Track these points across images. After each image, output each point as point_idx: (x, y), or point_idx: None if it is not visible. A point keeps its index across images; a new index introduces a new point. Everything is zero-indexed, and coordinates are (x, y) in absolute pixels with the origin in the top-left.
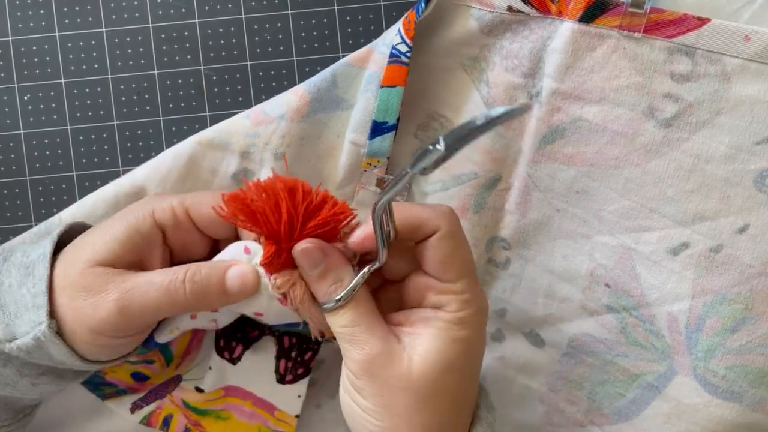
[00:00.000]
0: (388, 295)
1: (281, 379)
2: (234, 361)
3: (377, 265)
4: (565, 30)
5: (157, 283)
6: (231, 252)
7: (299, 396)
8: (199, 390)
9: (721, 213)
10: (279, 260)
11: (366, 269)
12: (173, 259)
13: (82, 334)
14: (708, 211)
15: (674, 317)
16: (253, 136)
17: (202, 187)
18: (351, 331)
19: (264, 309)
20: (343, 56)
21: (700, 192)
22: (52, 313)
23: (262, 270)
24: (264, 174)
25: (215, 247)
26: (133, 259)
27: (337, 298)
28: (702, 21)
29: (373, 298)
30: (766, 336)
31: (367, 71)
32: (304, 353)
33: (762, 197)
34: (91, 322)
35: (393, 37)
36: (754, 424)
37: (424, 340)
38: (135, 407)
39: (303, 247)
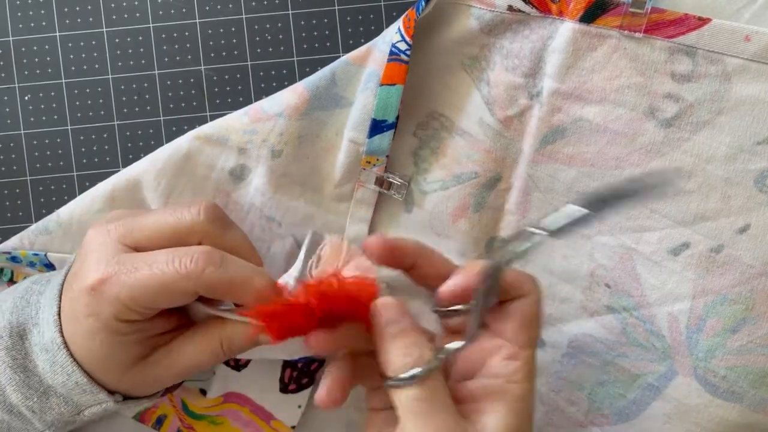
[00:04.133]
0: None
1: (284, 388)
2: (239, 367)
3: (464, 343)
4: (565, 30)
5: (204, 361)
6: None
7: (299, 406)
8: (203, 392)
9: (721, 213)
10: None
11: (451, 346)
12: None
13: (141, 393)
14: (708, 211)
15: (675, 317)
16: (251, 132)
17: (199, 182)
18: (421, 407)
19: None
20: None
21: (700, 192)
22: (110, 391)
23: None
24: (260, 171)
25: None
26: (143, 349)
27: (412, 374)
28: (703, 21)
29: None
30: (766, 336)
31: (366, 69)
32: (310, 363)
33: (763, 197)
34: (150, 391)
35: (393, 35)
36: (755, 425)
37: (493, 419)
38: None
39: (383, 302)
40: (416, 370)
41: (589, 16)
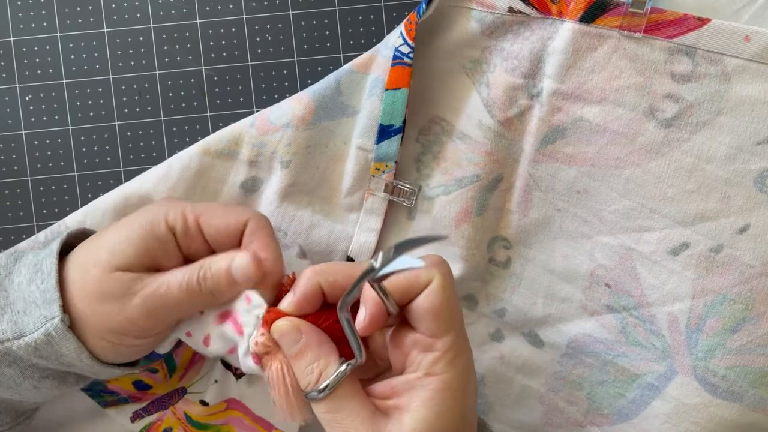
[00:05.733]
0: (373, 356)
1: None
2: (237, 376)
3: (357, 361)
4: (565, 30)
5: (177, 283)
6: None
7: None
8: (204, 403)
9: (721, 213)
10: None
11: (345, 366)
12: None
13: (102, 335)
14: (708, 211)
15: (675, 317)
16: (260, 145)
17: (211, 196)
18: (333, 417)
19: (237, 362)
20: (344, 57)
21: (700, 192)
22: (65, 308)
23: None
24: (271, 182)
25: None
26: (149, 262)
27: (320, 389)
28: (702, 21)
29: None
30: (766, 336)
31: (370, 76)
32: None
33: (762, 197)
34: (117, 324)
35: (395, 39)
36: (755, 425)
37: (413, 415)
38: (136, 416)
39: (277, 326)
40: (324, 384)
41: (588, 17)
